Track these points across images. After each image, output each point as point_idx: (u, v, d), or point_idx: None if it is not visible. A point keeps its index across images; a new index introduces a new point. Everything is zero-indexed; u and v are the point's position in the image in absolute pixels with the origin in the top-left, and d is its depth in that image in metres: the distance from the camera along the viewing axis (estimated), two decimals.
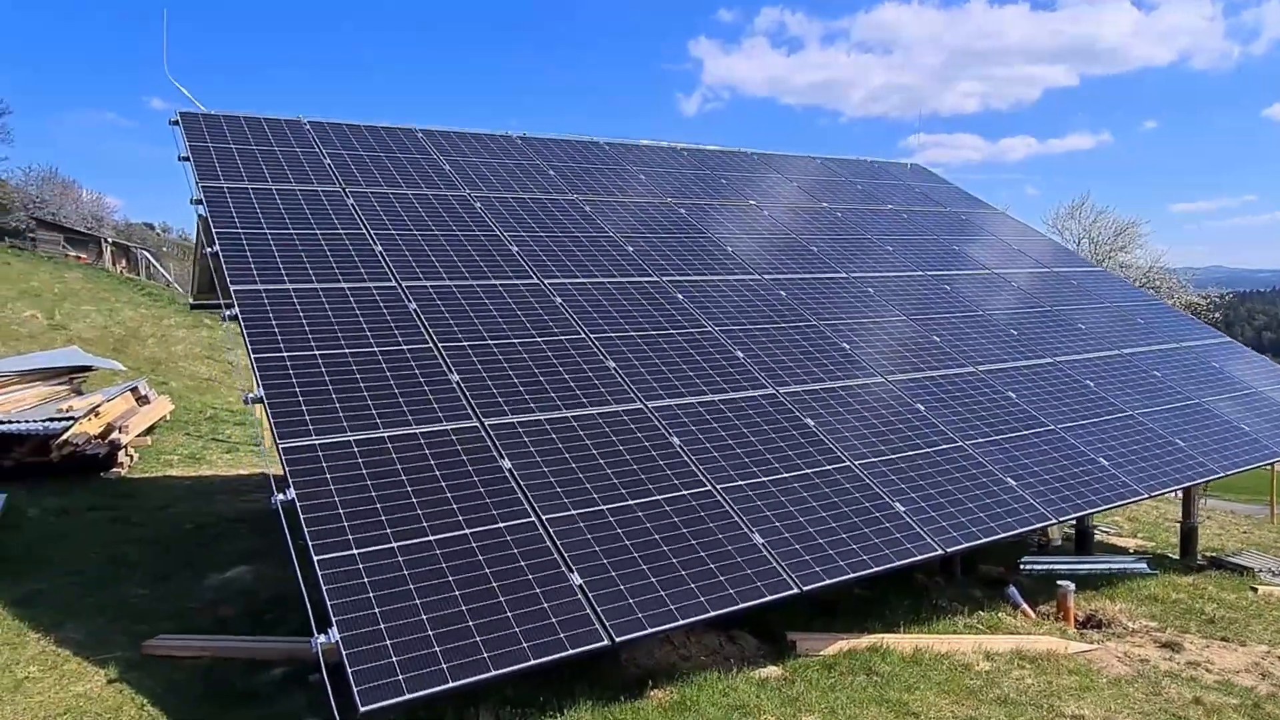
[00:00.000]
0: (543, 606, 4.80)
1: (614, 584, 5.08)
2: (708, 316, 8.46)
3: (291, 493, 5.06)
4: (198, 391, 19.55)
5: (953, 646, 6.33)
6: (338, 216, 8.32)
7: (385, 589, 4.64)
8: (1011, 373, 9.15)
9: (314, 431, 5.59)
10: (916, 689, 5.57)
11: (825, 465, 6.72)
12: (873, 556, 5.93)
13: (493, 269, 8.22)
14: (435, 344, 6.84)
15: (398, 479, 5.42)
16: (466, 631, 4.53)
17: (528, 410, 6.39)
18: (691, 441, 6.56)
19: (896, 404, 7.88)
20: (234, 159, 8.81)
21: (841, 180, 13.71)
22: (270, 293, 6.89)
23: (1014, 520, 6.73)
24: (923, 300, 10.24)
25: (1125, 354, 10.34)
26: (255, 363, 6.05)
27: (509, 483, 5.64)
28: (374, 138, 10.31)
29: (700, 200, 11.26)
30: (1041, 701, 5.51)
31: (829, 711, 5.16)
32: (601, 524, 5.52)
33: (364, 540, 4.90)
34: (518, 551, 5.12)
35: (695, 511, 5.86)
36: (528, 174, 10.64)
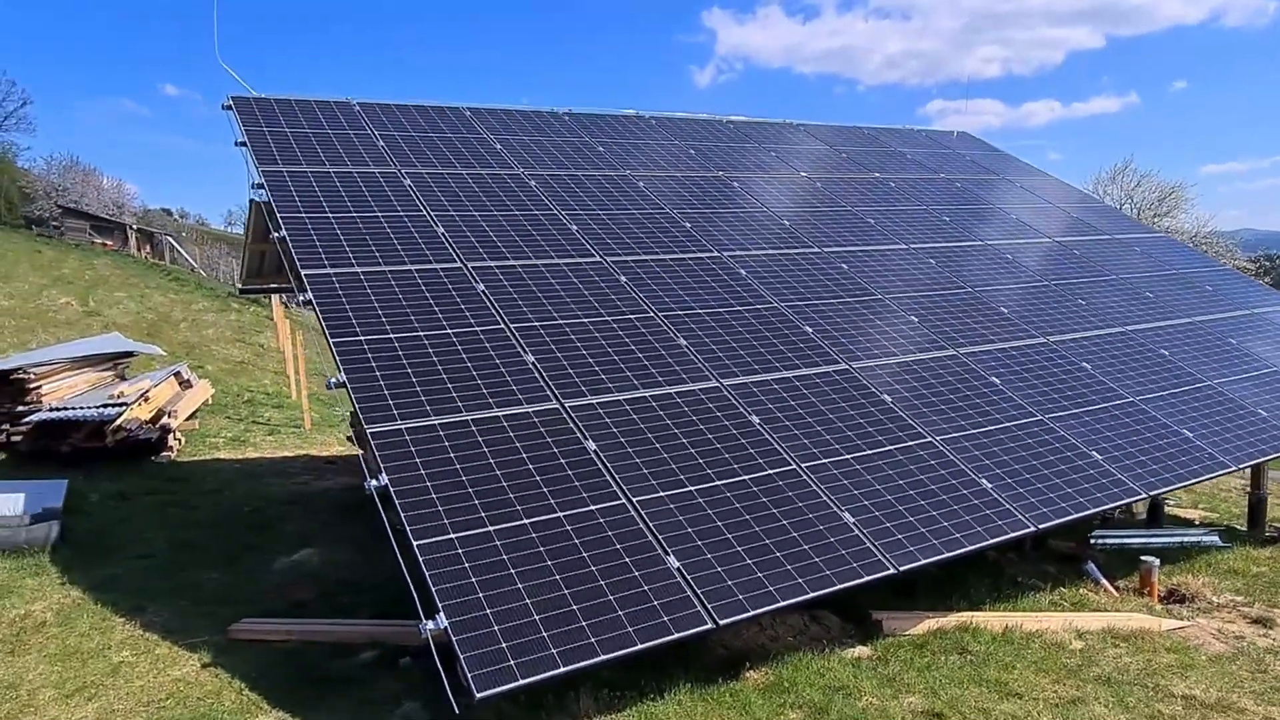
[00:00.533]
0: (643, 589, 4.72)
1: (710, 566, 5.00)
2: (772, 292, 8.30)
3: (384, 478, 5.00)
4: (232, 375, 19.65)
5: (1043, 625, 6.21)
6: (397, 198, 8.23)
7: (487, 573, 4.58)
8: (1083, 343, 8.94)
9: (399, 416, 5.53)
10: (1013, 668, 5.46)
11: (907, 441, 6.58)
12: (965, 534, 5.81)
13: (554, 248, 8.11)
14: (507, 325, 6.75)
15: (485, 462, 5.35)
16: (571, 615, 4.46)
17: (606, 391, 6.29)
18: (771, 419, 6.45)
19: (971, 378, 7.71)
20: (289, 143, 8.73)
21: (890, 149, 13.44)
22: (340, 277, 6.82)
23: (1103, 495, 6.57)
24: (987, 272, 10.02)
25: (1197, 321, 10.08)
26: (334, 348, 5.98)
27: (595, 465, 5.56)
28: (423, 118, 10.19)
29: (749, 174, 11.06)
30: (1145, 681, 5.38)
31: (929, 692, 5.06)
32: (691, 505, 5.43)
33: (460, 524, 4.84)
34: (612, 534, 5.04)
35: (782, 491, 5.76)
36: (578, 150, 10.49)
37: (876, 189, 11.66)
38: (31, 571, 6.89)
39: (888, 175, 12.26)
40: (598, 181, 9.75)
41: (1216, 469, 7.35)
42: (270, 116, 9.16)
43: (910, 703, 4.94)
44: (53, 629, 5.81)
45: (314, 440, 14.86)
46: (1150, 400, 8.09)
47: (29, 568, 6.97)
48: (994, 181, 13.26)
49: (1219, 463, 7.38)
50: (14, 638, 5.65)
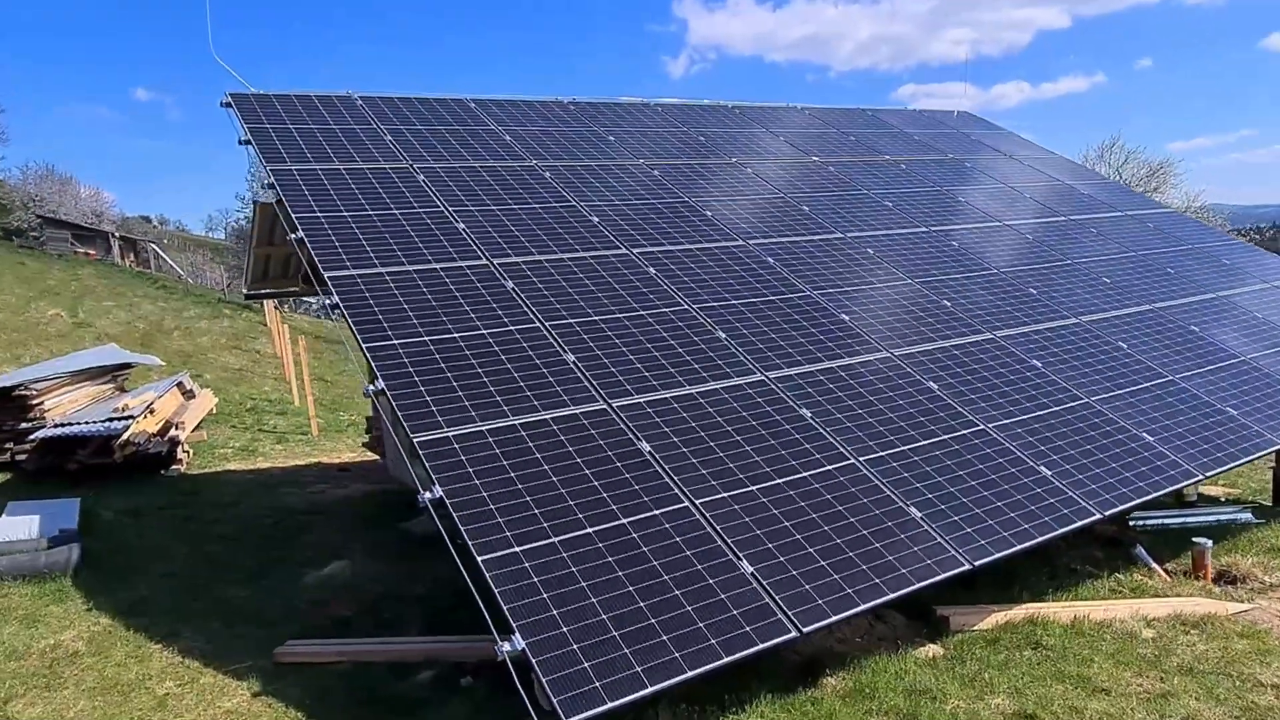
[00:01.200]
0: (720, 598, 4.50)
1: (785, 570, 4.78)
2: (804, 280, 8.08)
3: (438, 489, 4.74)
4: (232, 383, 19.28)
5: (1109, 614, 6.04)
6: (412, 194, 7.93)
7: (558, 588, 4.34)
8: (1115, 322, 8.78)
9: (444, 423, 5.27)
10: (1091, 662, 5.29)
11: (961, 430, 6.39)
12: (1034, 525, 5.63)
13: (578, 240, 7.85)
14: (542, 323, 6.49)
15: (540, 469, 5.10)
16: (650, 630, 4.24)
17: (651, 389, 6.05)
18: (821, 413, 6.24)
19: (1013, 360, 7.53)
20: (295, 140, 8.40)
21: (895, 130, 13.23)
22: (365, 278, 6.54)
23: (1162, 479, 6.42)
24: (1017, 251, 9.85)
25: (1222, 296, 9.96)
26: (369, 353, 5.71)
27: (652, 466, 5.33)
28: (428, 110, 9.88)
29: (759, 159, 10.82)
30: (1228, 670, 5.22)
31: (1013, 692, 4.88)
32: (755, 505, 5.21)
33: (523, 536, 4.60)
34: (680, 540, 4.82)
35: (845, 487, 5.55)
36: (588, 140, 10.21)
37: (886, 170, 11.45)
38: (55, 598, 6.59)
39: (897, 157, 12.06)
40: (613, 172, 9.48)
41: (1265, 446, 7.22)
42: (271, 113, 8.83)
43: (997, 704, 4.76)
44: (87, 659, 5.52)
45: (323, 447, 14.56)
46: (1189, 378, 7.95)
47: (51, 593, 6.67)
48: (1003, 161, 13.09)
49: (1268, 440, 7.25)
50: (48, 670, 5.36)
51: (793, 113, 13.05)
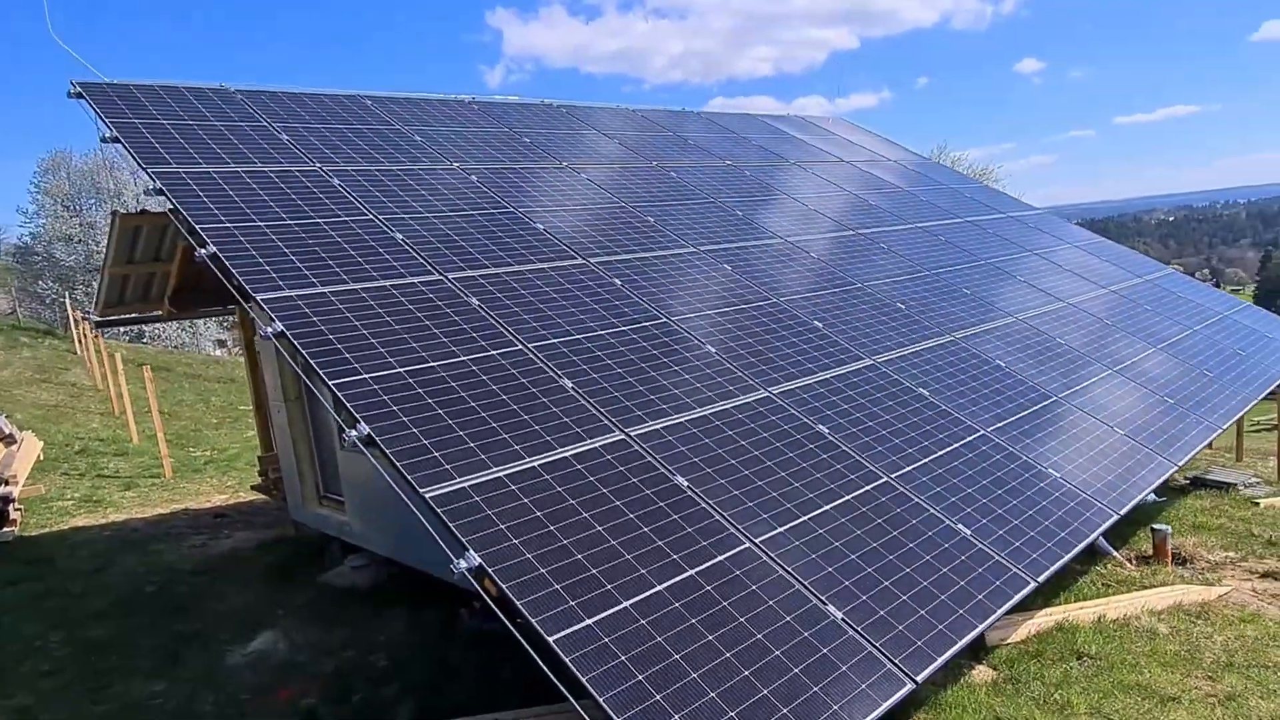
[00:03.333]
0: (822, 653, 3.95)
1: (871, 610, 4.30)
2: (776, 285, 7.69)
3: (474, 556, 3.88)
4: (50, 421, 16.60)
5: (1122, 611, 6.02)
6: (332, 201, 6.84)
7: (653, 663, 3.62)
8: (986, 336, 9.01)
9: (455, 472, 4.38)
10: (1139, 668, 5.18)
11: (968, 438, 6.18)
12: (1068, 533, 5.48)
13: (531, 251, 7.05)
14: (525, 345, 5.68)
15: (579, 517, 4.34)
16: (768, 706, 3.61)
17: (664, 414, 5.41)
18: (838, 429, 5.83)
19: (898, 390, 6.61)
20: (174, 138, 7.05)
21: (763, 134, 13.24)
22: (307, 300, 5.46)
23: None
24: (928, 257, 9.95)
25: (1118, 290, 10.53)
26: (338, 390, 4.70)
27: (697, 503, 4.69)
28: (320, 108, 8.70)
29: (685, 161, 10.40)
30: (1263, 661, 5.27)
31: (1095, 712, 4.66)
32: (814, 539, 4.70)
33: (590, 606, 3.83)
34: (757, 589, 4.22)
35: (891, 509, 5.16)
36: (504, 142, 9.38)
37: (739, 177, 11.36)
38: None
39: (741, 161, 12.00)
40: (538, 174, 8.72)
41: (1232, 414, 7.55)
42: (137, 107, 7.40)
43: None
44: None
45: (183, 490, 12.69)
46: (1074, 395, 7.90)
47: None
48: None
49: (1234, 409, 7.59)
50: None
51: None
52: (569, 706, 4.72)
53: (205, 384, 23.72)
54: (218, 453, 15.69)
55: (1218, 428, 7.85)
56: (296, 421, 8.15)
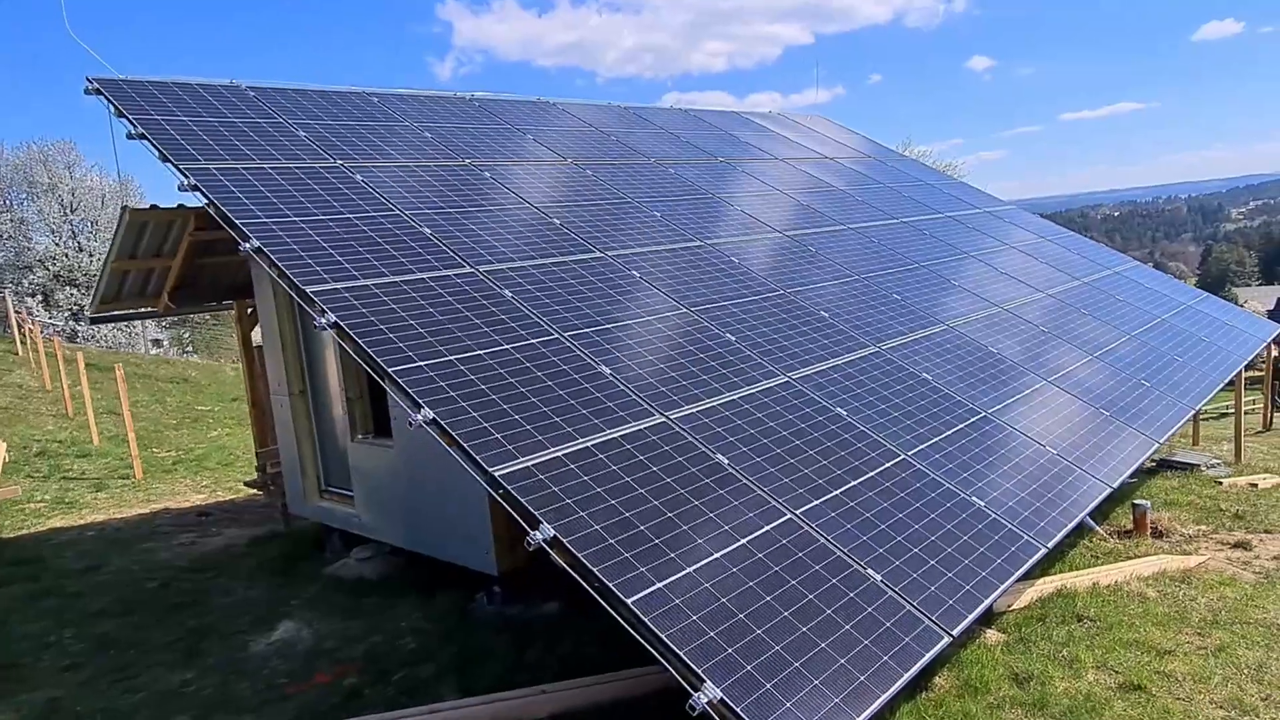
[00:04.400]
0: (868, 612, 4.31)
1: (905, 574, 4.68)
2: (794, 281, 8.06)
3: (549, 528, 4.17)
4: (3, 424, 16.31)
5: (1115, 578, 6.50)
6: (360, 198, 7.04)
7: (721, 623, 3.95)
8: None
9: (516, 452, 4.66)
10: (1136, 626, 5.64)
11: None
12: (1069, 504, 5.94)
13: (552, 244, 7.33)
14: (561, 335, 5.97)
15: (634, 491, 4.65)
16: (827, 658, 3.95)
17: (696, 399, 5.74)
18: (855, 411, 6.22)
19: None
20: (198, 135, 7.18)
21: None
22: (353, 291, 5.69)
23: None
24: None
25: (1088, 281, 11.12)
26: (399, 377, 4.94)
27: (739, 479, 5.03)
28: (330, 104, 8.86)
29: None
30: (1245, 618, 5.77)
31: (1102, 666, 5.10)
32: (847, 510, 5.07)
33: (658, 571, 4.15)
34: (804, 555, 4.57)
35: (910, 484, 5.56)
36: (508, 137, 9.62)
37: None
38: None
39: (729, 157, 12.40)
40: (548, 172, 8.99)
41: (1202, 396, 8.10)
42: (156, 103, 7.50)
43: (1098, 679, 4.94)
44: None
45: (157, 490, 12.67)
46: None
47: None
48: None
49: (1207, 388, 8.14)
50: None
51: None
52: (614, 675, 5.04)
53: (158, 384, 23.36)
54: (184, 453, 15.61)
55: (1192, 407, 8.42)
56: (300, 415, 8.29)
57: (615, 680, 4.94)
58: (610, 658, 5.42)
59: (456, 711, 4.85)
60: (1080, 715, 4.53)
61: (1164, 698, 4.72)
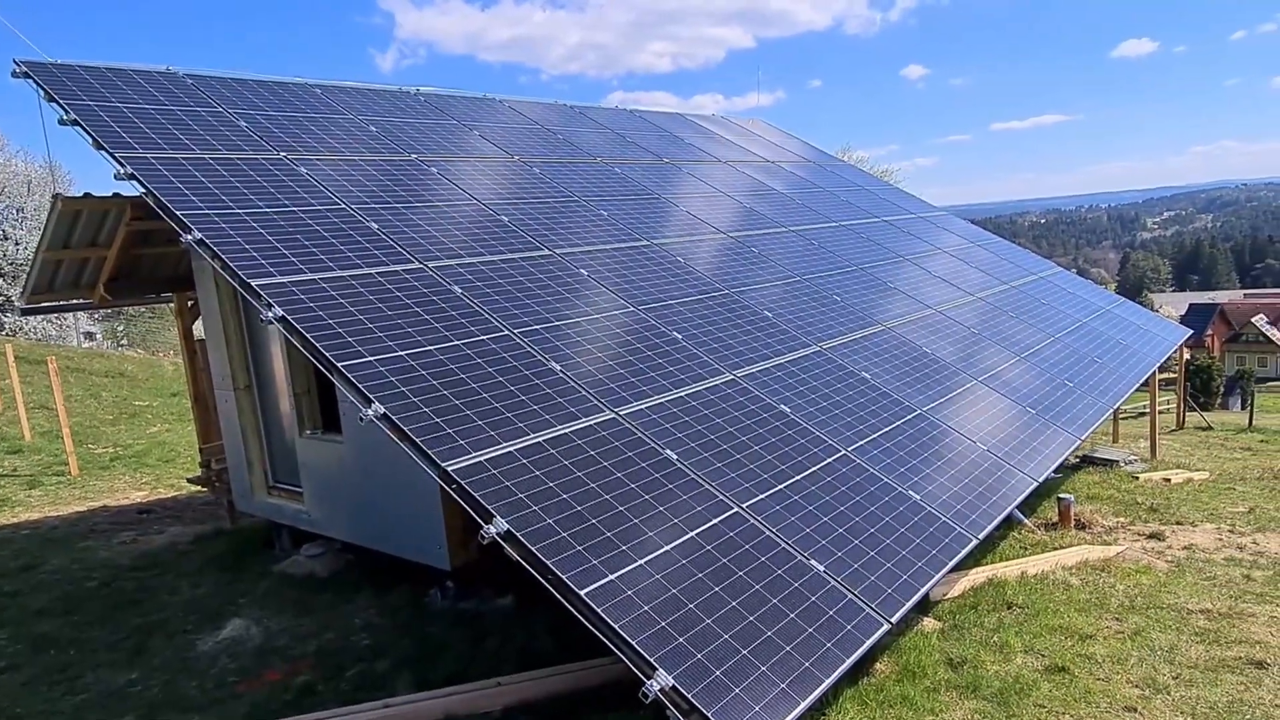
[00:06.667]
0: (812, 601, 4.47)
1: (846, 565, 4.86)
2: (739, 281, 8.21)
3: (503, 523, 4.22)
4: None
5: (1041, 568, 6.82)
6: (304, 191, 6.95)
7: (673, 610, 4.05)
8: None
9: (469, 447, 4.69)
10: (1060, 613, 5.94)
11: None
12: (999, 497, 6.21)
13: (500, 241, 7.35)
14: (511, 331, 6.00)
15: (585, 486, 4.72)
16: (772, 645, 4.09)
17: (644, 395, 5.83)
18: (799, 408, 6.39)
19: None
20: (134, 123, 7.00)
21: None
22: (300, 285, 5.63)
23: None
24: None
25: (1016, 285, 11.58)
26: (348, 372, 4.92)
27: (687, 474, 5.14)
28: (272, 94, 8.70)
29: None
30: (1157, 603, 6.13)
31: (1030, 650, 5.36)
32: (791, 504, 5.23)
33: (610, 563, 4.23)
34: (750, 548, 4.71)
35: (851, 479, 5.75)
36: (454, 133, 9.58)
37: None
38: None
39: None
40: (493, 168, 8.99)
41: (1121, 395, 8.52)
42: (88, 89, 7.28)
43: (1026, 662, 5.19)
44: None
45: (94, 488, 12.26)
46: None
47: None
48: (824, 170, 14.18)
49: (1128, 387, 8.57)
50: None
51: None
52: (568, 667, 5.11)
53: (92, 378, 22.55)
54: (122, 449, 15.13)
55: (1110, 406, 8.86)
56: (246, 411, 8.14)
57: (569, 671, 5.01)
58: (564, 649, 5.48)
59: (411, 706, 4.85)
60: (1010, 696, 4.76)
61: (1085, 678, 4.99)
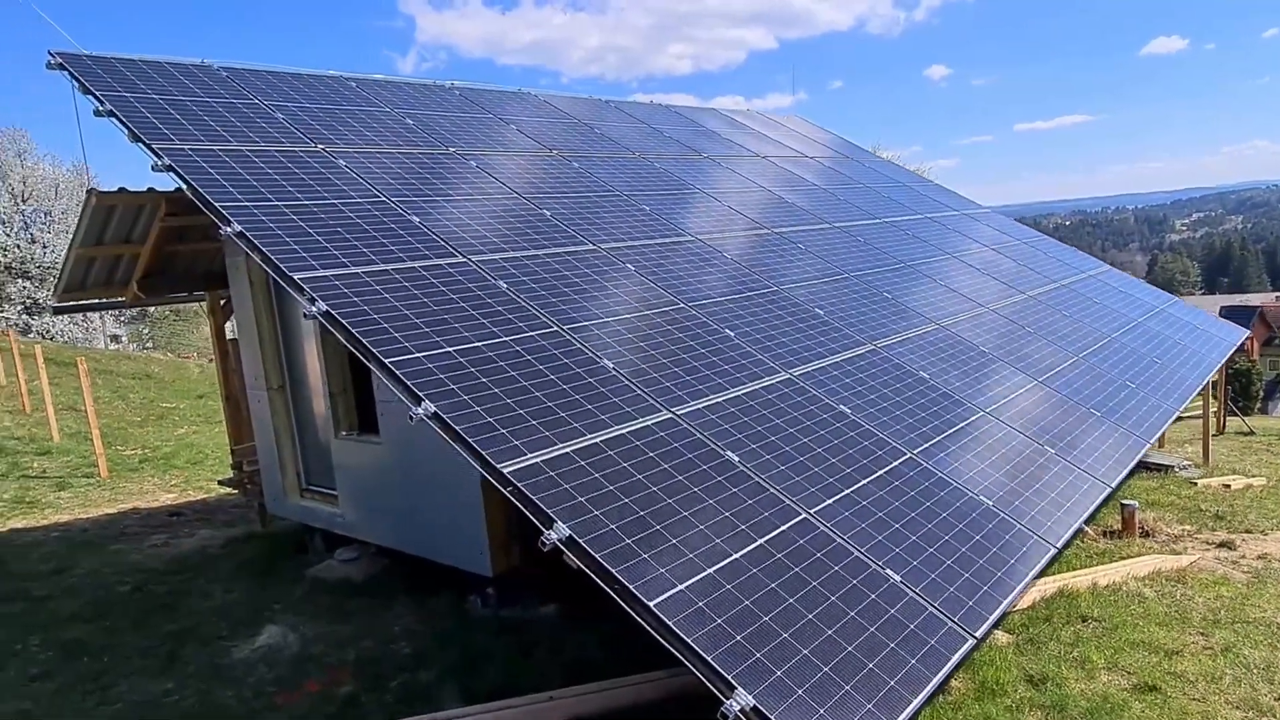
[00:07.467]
0: (892, 614, 4.18)
1: (924, 574, 4.57)
2: (787, 277, 7.94)
3: (564, 528, 3.97)
4: None
5: (1113, 578, 6.47)
6: (344, 183, 6.75)
7: (749, 624, 3.78)
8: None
9: (524, 448, 4.44)
10: (1140, 627, 5.59)
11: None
12: (1081, 495, 5.89)
13: (543, 235, 7.11)
14: (560, 327, 5.76)
15: (646, 489, 4.46)
16: (854, 662, 3.81)
17: (700, 394, 5.57)
18: (858, 409, 6.10)
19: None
20: (170, 114, 6.83)
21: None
22: (343, 279, 5.41)
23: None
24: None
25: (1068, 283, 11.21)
26: (396, 369, 4.69)
27: (751, 478, 4.87)
28: (307, 87, 8.53)
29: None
30: (1243, 617, 5.77)
31: (1113, 667, 5.03)
32: (861, 509, 4.94)
33: (678, 572, 3.96)
34: (822, 556, 4.43)
35: (919, 483, 5.45)
36: (490, 126, 9.37)
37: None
38: None
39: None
40: (536, 163, 8.76)
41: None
42: (124, 81, 7.13)
43: (1112, 680, 4.87)
44: None
45: (124, 490, 12.16)
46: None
47: None
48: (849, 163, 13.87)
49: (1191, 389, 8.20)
50: None
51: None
52: (623, 680, 4.84)
53: (119, 380, 22.64)
54: (150, 451, 15.07)
55: (1173, 410, 8.49)
56: (279, 411, 7.96)
57: (626, 685, 4.75)
58: (616, 661, 5.22)
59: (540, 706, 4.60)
60: (1100, 717, 4.45)
61: (1180, 699, 4.66)
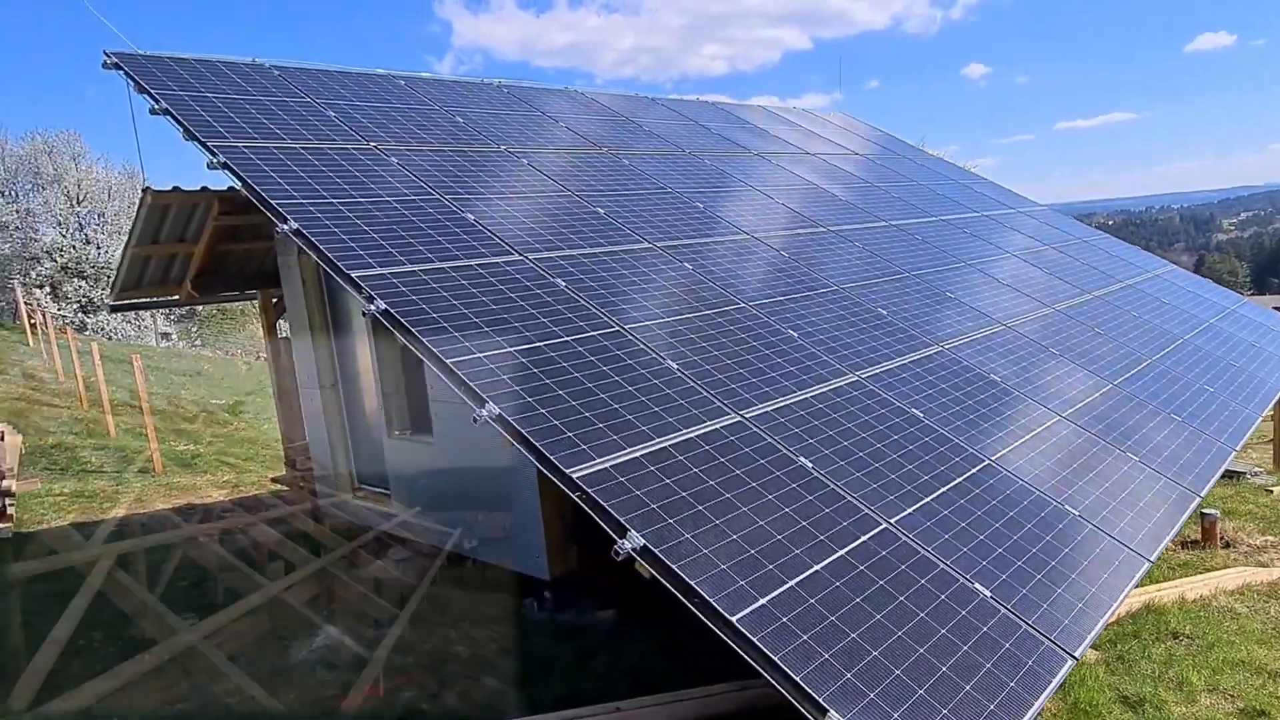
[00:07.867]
0: (984, 631, 3.93)
1: (1015, 589, 4.30)
2: (846, 276, 7.68)
3: (638, 537, 3.77)
4: (14, 414, 15.82)
5: (1200, 592, 6.15)
6: (398, 181, 6.63)
7: (818, 629, 3.56)
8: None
9: (592, 452, 4.26)
10: (1235, 645, 5.28)
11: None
12: (1170, 505, 5.57)
13: (597, 233, 6.93)
14: (621, 327, 5.57)
15: (720, 496, 4.25)
16: (949, 683, 3.57)
17: (768, 397, 5.34)
18: (930, 412, 5.84)
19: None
20: (224, 112, 6.77)
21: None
22: (401, 277, 5.28)
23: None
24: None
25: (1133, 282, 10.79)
26: (459, 369, 4.54)
27: (826, 484, 4.64)
28: (359, 85, 8.45)
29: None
30: None
31: (1214, 689, 4.74)
32: (941, 519, 4.68)
33: (758, 585, 3.75)
34: (906, 569, 4.18)
35: (1000, 491, 5.17)
36: (541, 125, 9.23)
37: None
38: None
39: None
40: (586, 160, 8.60)
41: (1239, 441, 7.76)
42: (178, 80, 7.08)
43: (1215, 704, 4.57)
44: None
45: (178, 485, 12.20)
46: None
47: None
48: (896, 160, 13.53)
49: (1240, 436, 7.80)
50: None
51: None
52: (690, 693, 4.64)
53: (171, 377, 22.97)
54: (203, 447, 15.18)
55: (1255, 415, 8.08)
56: (331, 410, 7.90)
57: (692, 698, 4.55)
58: (676, 671, 5.03)
59: None
60: None
61: None
